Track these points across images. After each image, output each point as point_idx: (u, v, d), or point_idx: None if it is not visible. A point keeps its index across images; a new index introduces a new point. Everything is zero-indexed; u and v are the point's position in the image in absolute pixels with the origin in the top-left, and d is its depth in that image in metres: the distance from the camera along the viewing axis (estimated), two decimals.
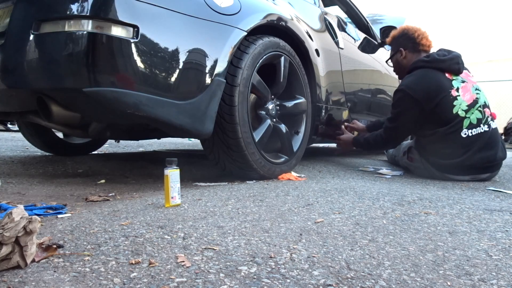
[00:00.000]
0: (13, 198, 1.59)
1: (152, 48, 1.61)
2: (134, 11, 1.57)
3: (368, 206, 1.41)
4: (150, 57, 1.61)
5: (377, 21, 4.03)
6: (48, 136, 2.81)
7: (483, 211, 1.41)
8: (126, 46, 1.54)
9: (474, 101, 2.27)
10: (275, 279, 0.76)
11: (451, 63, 2.30)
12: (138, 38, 1.56)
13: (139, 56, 1.57)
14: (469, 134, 2.23)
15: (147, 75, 1.61)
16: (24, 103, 1.78)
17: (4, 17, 1.72)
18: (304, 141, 2.34)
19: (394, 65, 2.63)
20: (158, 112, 1.63)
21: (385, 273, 0.81)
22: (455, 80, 2.29)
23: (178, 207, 1.33)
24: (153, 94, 1.60)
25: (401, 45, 2.52)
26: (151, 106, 1.60)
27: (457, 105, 2.24)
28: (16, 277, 0.74)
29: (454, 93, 2.25)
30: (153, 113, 1.60)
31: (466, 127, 2.23)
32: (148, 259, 0.84)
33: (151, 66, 1.61)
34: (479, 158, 2.22)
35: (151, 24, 1.61)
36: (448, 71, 2.30)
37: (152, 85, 1.60)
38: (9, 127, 7.48)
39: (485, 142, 2.24)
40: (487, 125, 2.26)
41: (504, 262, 0.90)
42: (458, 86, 2.27)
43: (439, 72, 2.29)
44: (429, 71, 2.30)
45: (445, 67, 2.30)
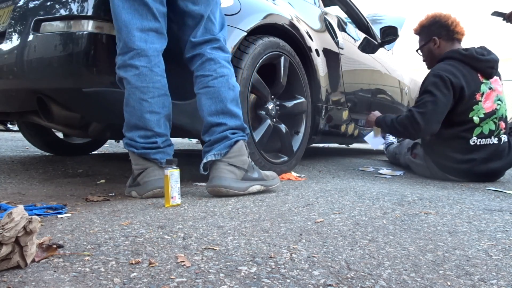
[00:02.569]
0: (13, 198, 1.59)
1: None
2: None
3: (368, 206, 1.42)
4: None
5: (377, 21, 4.03)
6: (48, 136, 2.81)
7: (483, 211, 1.41)
8: None
9: (492, 111, 2.20)
10: (275, 279, 0.76)
11: (487, 65, 2.21)
12: None
13: None
14: (477, 143, 2.18)
15: None
16: (24, 103, 1.78)
17: (4, 17, 1.72)
18: (304, 141, 2.34)
19: (426, 54, 2.45)
20: None
21: (385, 273, 0.81)
22: (485, 84, 2.20)
23: (178, 207, 1.33)
24: None
25: (434, 34, 2.36)
26: None
27: (475, 109, 2.17)
28: (16, 277, 0.74)
29: (478, 97, 2.17)
30: None
31: (476, 136, 2.18)
32: (148, 259, 0.84)
33: None
34: (485, 169, 2.19)
35: None
36: (481, 73, 2.21)
37: None
38: (9, 127, 7.48)
39: (492, 154, 2.19)
40: (497, 138, 2.21)
41: (504, 262, 0.90)
42: (484, 91, 2.19)
43: (473, 70, 2.20)
44: (465, 66, 2.20)
45: (480, 68, 2.20)
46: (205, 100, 1.54)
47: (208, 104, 1.54)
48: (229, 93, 1.56)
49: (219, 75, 1.56)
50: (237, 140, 1.54)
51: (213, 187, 1.51)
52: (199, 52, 1.58)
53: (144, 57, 1.46)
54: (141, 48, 1.45)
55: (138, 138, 1.49)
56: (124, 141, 1.52)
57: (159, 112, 1.49)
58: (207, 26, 1.60)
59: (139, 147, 1.49)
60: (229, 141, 1.52)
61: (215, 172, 1.52)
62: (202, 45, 1.59)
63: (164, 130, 1.52)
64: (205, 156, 1.54)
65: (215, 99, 1.54)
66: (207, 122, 1.55)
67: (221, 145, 1.52)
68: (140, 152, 1.49)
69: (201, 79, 1.56)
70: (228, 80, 1.57)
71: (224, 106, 1.54)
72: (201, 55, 1.58)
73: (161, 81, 1.50)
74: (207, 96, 1.54)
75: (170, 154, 1.54)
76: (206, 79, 1.55)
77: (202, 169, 1.56)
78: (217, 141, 1.53)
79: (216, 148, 1.52)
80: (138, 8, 1.46)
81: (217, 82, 1.54)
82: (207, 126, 1.56)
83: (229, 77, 1.59)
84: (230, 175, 1.52)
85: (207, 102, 1.54)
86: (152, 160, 1.50)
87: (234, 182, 1.53)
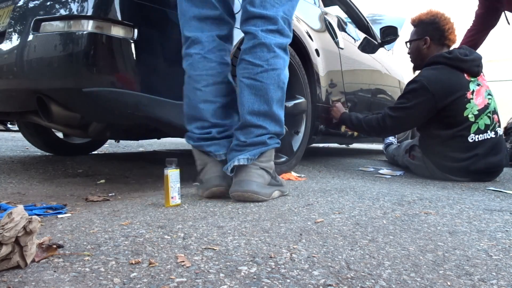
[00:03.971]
0: (13, 198, 1.59)
1: (152, 48, 1.61)
2: (134, 11, 1.57)
3: (368, 206, 1.42)
4: (150, 57, 1.61)
5: (377, 21, 4.03)
6: (48, 136, 2.81)
7: (483, 211, 1.41)
8: (126, 46, 1.54)
9: (485, 107, 2.24)
10: (275, 279, 0.76)
11: (472, 64, 2.25)
12: (138, 38, 1.56)
13: (139, 56, 1.58)
14: (475, 140, 2.21)
15: (147, 75, 1.61)
16: (24, 103, 1.78)
17: (4, 17, 1.72)
18: (304, 141, 2.34)
19: (413, 50, 2.47)
20: (158, 112, 1.63)
21: (385, 273, 0.81)
22: (472, 82, 2.25)
23: (178, 207, 1.33)
24: (153, 94, 1.60)
25: (428, 33, 2.38)
26: (151, 106, 1.60)
27: (469, 108, 2.20)
28: (16, 277, 0.74)
29: (469, 96, 2.21)
30: (153, 113, 1.60)
31: (474, 132, 2.21)
32: (148, 259, 0.84)
33: (151, 66, 1.61)
34: (484, 164, 2.21)
35: (151, 24, 1.61)
36: (468, 72, 2.25)
37: (152, 85, 1.60)
38: (9, 127, 7.47)
39: (491, 148, 2.22)
40: (494, 131, 2.25)
41: (504, 262, 0.90)
42: (473, 89, 2.24)
43: (459, 71, 2.24)
44: (450, 69, 2.24)
45: (466, 68, 2.24)
46: (248, 96, 1.38)
47: (252, 102, 1.38)
48: (277, 93, 1.41)
49: (271, 67, 1.38)
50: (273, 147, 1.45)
51: (243, 192, 1.37)
52: (251, 31, 1.39)
53: (197, 44, 1.39)
54: (196, 36, 1.39)
55: (195, 129, 1.42)
56: (186, 134, 1.46)
57: (215, 101, 1.39)
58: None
59: (195, 139, 1.42)
60: (265, 147, 1.41)
61: (244, 176, 1.38)
62: (256, 20, 1.39)
63: (221, 120, 1.41)
64: (237, 158, 1.39)
65: (261, 97, 1.38)
66: (245, 120, 1.39)
67: (256, 150, 1.40)
68: (196, 144, 1.42)
69: (248, 66, 1.38)
70: (280, 75, 1.40)
71: (269, 108, 1.39)
72: (252, 35, 1.39)
73: (217, 68, 1.40)
74: (252, 91, 1.38)
75: (226, 147, 1.42)
76: (254, 69, 1.37)
77: (229, 171, 1.42)
78: (253, 144, 1.40)
79: (250, 151, 1.39)
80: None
81: (267, 77, 1.37)
82: (244, 124, 1.40)
83: (281, 70, 1.41)
84: (259, 180, 1.40)
85: (251, 98, 1.38)
86: (208, 153, 1.42)
87: (262, 187, 1.41)
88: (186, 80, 1.42)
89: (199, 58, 1.39)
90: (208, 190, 1.42)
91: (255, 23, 1.39)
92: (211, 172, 1.42)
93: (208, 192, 1.43)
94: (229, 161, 1.42)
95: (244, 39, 1.44)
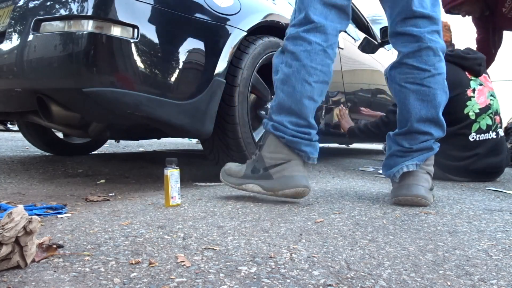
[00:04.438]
0: (13, 198, 1.59)
1: (152, 48, 1.61)
2: (134, 11, 1.57)
3: (368, 206, 1.42)
4: (150, 57, 1.61)
5: (377, 21, 4.03)
6: (48, 136, 2.81)
7: (483, 211, 1.41)
8: (126, 46, 1.54)
9: (486, 106, 2.26)
10: (275, 279, 0.76)
11: (474, 63, 2.30)
12: (138, 38, 1.56)
13: (139, 56, 1.58)
14: (476, 139, 2.23)
15: (147, 75, 1.61)
16: (24, 103, 1.78)
17: (4, 17, 1.72)
18: None
19: None
20: (158, 112, 1.63)
21: (385, 273, 0.81)
22: (474, 81, 2.29)
23: (178, 207, 1.33)
24: (153, 94, 1.60)
25: None
26: (151, 106, 1.60)
27: (469, 105, 2.23)
28: (16, 277, 0.74)
29: (470, 93, 2.25)
30: (153, 113, 1.60)
31: (475, 131, 2.23)
32: (148, 259, 0.84)
33: (151, 66, 1.61)
34: (484, 164, 2.22)
35: (151, 24, 1.61)
36: (469, 71, 2.30)
37: (152, 85, 1.60)
38: (9, 127, 7.47)
39: (491, 149, 2.23)
40: (495, 132, 2.26)
41: (504, 262, 0.90)
42: (475, 87, 2.27)
43: (460, 69, 2.29)
44: (451, 65, 2.27)
45: (467, 66, 2.29)
46: (415, 101, 1.36)
47: (419, 108, 1.36)
48: (443, 98, 1.38)
49: (438, 72, 1.35)
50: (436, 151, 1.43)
51: (412, 197, 1.35)
52: (416, 34, 1.34)
53: (322, 34, 1.27)
54: (321, 23, 1.27)
55: (289, 124, 1.30)
56: (269, 124, 1.33)
57: (317, 100, 1.32)
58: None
59: (289, 134, 1.30)
60: (431, 152, 1.40)
61: (412, 180, 1.36)
62: (418, 21, 1.34)
63: (314, 122, 1.34)
64: (405, 165, 1.37)
65: (429, 103, 1.36)
66: (411, 127, 1.38)
67: (424, 155, 1.38)
68: (289, 140, 1.30)
69: (414, 71, 1.35)
70: (444, 79, 1.38)
71: (436, 113, 1.37)
72: (417, 38, 1.34)
73: (330, 67, 1.32)
74: (419, 96, 1.35)
75: (318, 150, 1.37)
76: (421, 74, 1.34)
77: (397, 178, 1.39)
78: (419, 150, 1.38)
79: (418, 157, 1.37)
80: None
81: (435, 82, 1.35)
82: (411, 130, 1.39)
83: (444, 75, 1.38)
84: (426, 184, 1.38)
85: (417, 104, 1.36)
86: (300, 152, 1.31)
87: (428, 192, 1.37)
88: (294, 66, 1.27)
89: (320, 49, 1.28)
90: (294, 189, 1.31)
91: (417, 23, 1.35)
92: (297, 171, 1.32)
93: (293, 190, 1.31)
94: (394, 167, 1.40)
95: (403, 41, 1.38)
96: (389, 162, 1.42)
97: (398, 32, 1.38)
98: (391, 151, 1.42)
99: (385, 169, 1.46)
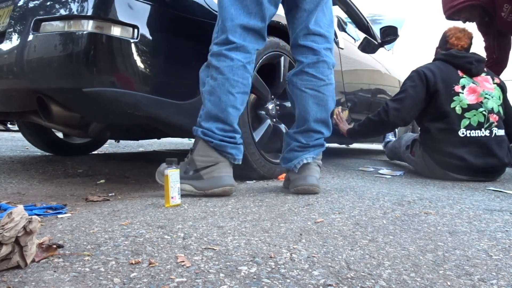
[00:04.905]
0: (13, 198, 1.59)
1: (152, 48, 1.61)
2: (134, 11, 1.57)
3: (368, 206, 1.42)
4: (150, 57, 1.61)
5: (377, 21, 4.03)
6: (48, 136, 2.81)
7: (483, 211, 1.41)
8: (126, 46, 1.54)
9: (477, 104, 2.28)
10: (275, 279, 0.76)
11: (464, 61, 2.37)
12: (138, 38, 1.56)
13: (139, 56, 1.58)
14: (467, 135, 2.25)
15: (146, 75, 1.61)
16: (24, 103, 1.78)
17: (4, 17, 1.72)
18: None
19: None
20: (158, 112, 1.63)
21: (385, 273, 0.81)
22: (465, 79, 2.34)
23: (178, 207, 1.33)
24: (153, 94, 1.60)
25: (439, 44, 2.62)
26: (151, 106, 1.60)
27: (457, 100, 2.28)
28: (16, 277, 0.74)
29: (457, 89, 2.30)
30: (153, 113, 1.60)
31: (465, 127, 2.26)
32: (148, 259, 0.84)
33: (151, 66, 1.61)
34: (480, 163, 2.23)
35: (151, 24, 1.61)
36: (461, 69, 2.37)
37: (152, 85, 1.60)
38: (9, 127, 7.47)
39: (486, 147, 2.24)
40: (489, 130, 2.27)
41: (504, 262, 0.90)
42: (465, 84, 2.32)
43: (452, 67, 2.38)
44: (444, 64, 2.40)
45: (458, 64, 2.37)
46: (313, 105, 1.60)
47: (315, 110, 1.60)
48: (332, 104, 1.65)
49: (330, 82, 1.63)
50: None
51: (309, 186, 1.58)
52: (315, 48, 1.60)
53: (241, 52, 1.47)
54: (241, 44, 1.47)
55: (216, 130, 1.47)
56: (199, 130, 1.50)
57: (239, 108, 1.50)
58: (319, 16, 1.60)
59: (216, 139, 1.47)
60: (322, 148, 1.66)
61: (308, 172, 1.59)
62: (316, 38, 1.60)
63: (239, 128, 1.53)
64: (304, 157, 1.60)
65: (323, 107, 1.61)
66: (308, 126, 1.61)
67: (317, 151, 1.63)
68: (217, 143, 1.47)
69: (312, 79, 1.60)
70: (334, 89, 1.66)
71: (327, 116, 1.63)
72: (315, 52, 1.60)
73: (249, 79, 1.51)
74: (316, 100, 1.60)
75: (242, 152, 1.55)
76: (318, 82, 1.60)
77: (297, 168, 1.60)
78: (315, 146, 1.62)
79: (313, 152, 1.62)
80: (249, 5, 1.47)
81: (328, 90, 1.61)
82: (307, 129, 1.61)
83: (334, 85, 1.66)
84: (317, 175, 1.63)
85: (314, 107, 1.60)
86: (228, 154, 1.49)
87: (318, 181, 1.63)
88: (219, 79, 1.45)
89: (240, 65, 1.47)
90: (222, 188, 1.47)
91: (316, 40, 1.60)
92: (224, 172, 1.48)
93: (220, 189, 1.47)
94: (294, 160, 1.61)
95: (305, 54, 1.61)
96: (289, 156, 1.64)
97: (300, 45, 1.62)
98: (290, 146, 1.64)
99: (284, 162, 1.66)
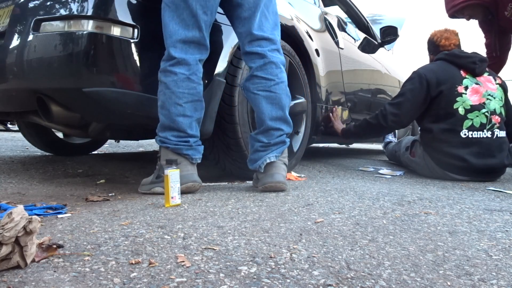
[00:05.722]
0: (13, 198, 1.59)
1: (152, 48, 1.61)
2: (134, 11, 1.57)
3: (368, 206, 1.42)
4: (150, 57, 1.61)
5: (377, 21, 4.03)
6: (48, 136, 2.81)
7: (483, 211, 1.41)
8: (126, 46, 1.54)
9: (480, 105, 2.27)
10: (275, 279, 0.76)
11: (467, 61, 2.35)
12: (138, 38, 1.56)
13: (139, 56, 1.58)
14: (469, 136, 2.24)
15: (147, 75, 1.61)
16: (24, 103, 1.78)
17: (4, 17, 1.72)
18: (304, 141, 2.34)
19: None
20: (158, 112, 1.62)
21: (385, 273, 0.81)
22: (468, 79, 2.32)
23: (178, 207, 1.33)
24: (153, 94, 1.60)
25: (429, 50, 2.64)
26: (151, 106, 1.60)
27: (459, 101, 2.27)
28: (16, 277, 0.74)
29: (461, 90, 2.29)
30: (153, 113, 1.60)
31: (467, 128, 2.25)
32: (148, 259, 0.84)
33: (151, 66, 1.61)
34: (480, 164, 2.23)
35: (152, 24, 1.61)
36: (464, 69, 2.35)
37: (152, 85, 1.60)
38: (9, 127, 7.47)
39: (487, 148, 2.24)
40: (491, 132, 2.26)
41: (504, 262, 0.90)
42: (468, 85, 2.30)
43: (455, 67, 2.36)
44: (447, 64, 2.38)
45: (461, 64, 2.35)
46: (267, 105, 1.66)
47: (270, 109, 1.66)
48: (287, 100, 1.70)
49: (280, 80, 1.68)
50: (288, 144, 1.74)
51: (276, 183, 1.63)
52: (260, 52, 1.66)
53: (184, 66, 1.54)
54: (182, 58, 1.54)
55: (171, 137, 1.56)
56: (157, 139, 1.60)
57: (191, 116, 1.57)
58: (261, 21, 1.67)
59: (172, 143, 1.56)
60: (285, 146, 1.71)
61: (274, 170, 1.65)
62: (261, 42, 1.66)
63: (195, 132, 1.60)
64: (267, 157, 1.66)
65: (277, 105, 1.66)
66: (266, 126, 1.66)
67: (280, 148, 1.68)
68: (173, 148, 1.56)
69: (262, 81, 1.66)
70: (286, 86, 1.71)
71: (284, 113, 1.68)
72: (262, 55, 1.66)
73: (196, 88, 1.58)
74: (269, 101, 1.66)
75: (201, 152, 1.63)
76: (268, 83, 1.65)
77: (262, 168, 1.66)
78: (276, 144, 1.68)
79: (275, 150, 1.67)
80: (186, 18, 1.54)
81: (279, 89, 1.67)
82: (266, 129, 1.67)
83: (286, 82, 1.71)
84: (284, 173, 1.68)
85: (269, 107, 1.66)
86: (184, 155, 1.57)
87: (285, 178, 1.68)
88: (166, 94, 1.54)
89: (184, 78, 1.54)
90: (185, 185, 1.53)
91: (260, 44, 1.66)
92: (185, 170, 1.55)
93: (184, 186, 1.52)
94: (259, 160, 1.67)
95: (253, 59, 1.67)
96: (254, 157, 1.69)
97: (247, 52, 1.68)
98: (254, 147, 1.70)
99: (251, 164, 1.71)
